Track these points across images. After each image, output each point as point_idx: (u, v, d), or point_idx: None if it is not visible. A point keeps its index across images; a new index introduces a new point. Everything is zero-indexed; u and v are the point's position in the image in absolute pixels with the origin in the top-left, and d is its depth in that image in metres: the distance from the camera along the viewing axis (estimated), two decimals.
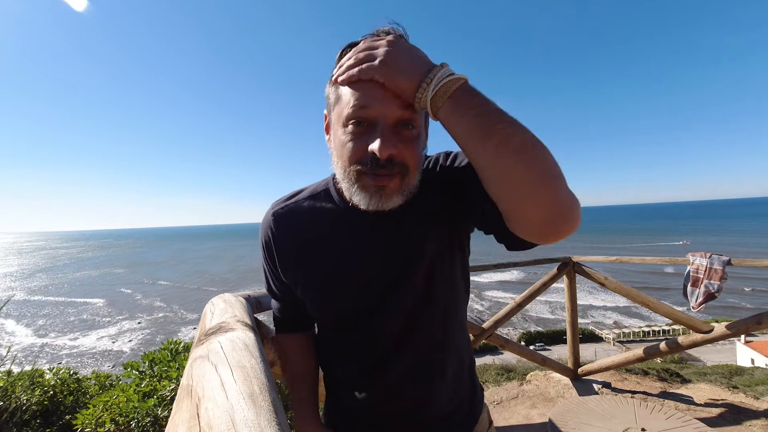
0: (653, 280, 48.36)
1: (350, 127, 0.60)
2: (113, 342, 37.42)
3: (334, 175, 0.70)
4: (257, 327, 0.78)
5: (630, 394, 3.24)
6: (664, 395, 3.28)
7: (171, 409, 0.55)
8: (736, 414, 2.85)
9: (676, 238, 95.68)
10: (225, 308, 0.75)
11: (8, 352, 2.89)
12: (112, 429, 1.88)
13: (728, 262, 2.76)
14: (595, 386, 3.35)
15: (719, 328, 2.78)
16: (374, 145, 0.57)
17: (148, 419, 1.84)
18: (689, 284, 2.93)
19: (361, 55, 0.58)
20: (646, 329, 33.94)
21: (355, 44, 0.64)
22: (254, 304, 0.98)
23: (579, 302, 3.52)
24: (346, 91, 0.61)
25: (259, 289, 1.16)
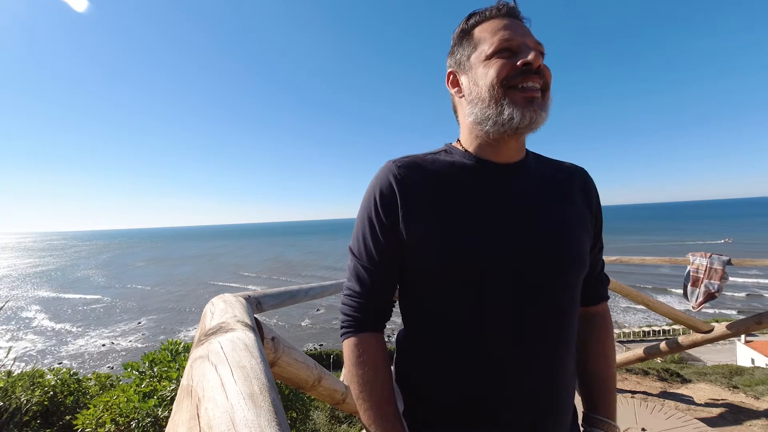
0: (653, 280, 48.37)
1: (495, 56, 0.68)
2: (113, 342, 37.42)
3: (457, 139, 0.80)
4: (257, 327, 0.78)
5: (630, 394, 3.24)
6: (664, 395, 3.28)
7: (171, 409, 0.55)
8: (736, 414, 2.85)
9: (715, 236, 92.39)
10: (225, 308, 0.75)
11: (8, 353, 2.89)
12: (112, 429, 1.89)
13: (728, 262, 2.76)
14: None
15: (719, 327, 2.78)
16: (529, 56, 0.65)
17: (149, 419, 1.84)
18: (689, 284, 2.93)
19: None
20: (646, 329, 33.94)
21: (478, 12, 0.73)
22: (254, 305, 0.98)
23: None
24: (486, 36, 0.70)
25: (259, 288, 1.16)
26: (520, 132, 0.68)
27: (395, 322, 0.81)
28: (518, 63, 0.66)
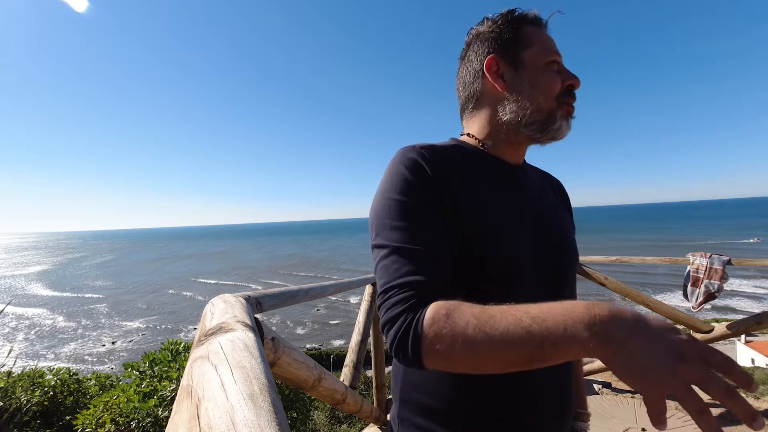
0: (653, 280, 48.38)
1: (551, 68, 0.71)
2: (113, 343, 37.46)
3: (467, 133, 0.78)
4: (257, 327, 0.78)
5: (630, 394, 3.24)
6: None
7: (171, 409, 0.55)
8: None
9: (745, 235, 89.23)
10: (225, 309, 0.75)
11: (9, 352, 2.90)
12: (112, 429, 1.89)
13: (728, 262, 2.77)
14: (596, 386, 3.36)
15: (719, 328, 2.78)
16: (575, 80, 0.71)
17: (149, 419, 1.84)
18: (689, 284, 2.93)
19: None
20: None
21: (524, 13, 0.72)
22: (254, 305, 0.98)
23: None
24: (539, 41, 0.71)
25: (258, 288, 1.16)
26: (554, 141, 0.73)
27: None
28: (567, 84, 0.71)
